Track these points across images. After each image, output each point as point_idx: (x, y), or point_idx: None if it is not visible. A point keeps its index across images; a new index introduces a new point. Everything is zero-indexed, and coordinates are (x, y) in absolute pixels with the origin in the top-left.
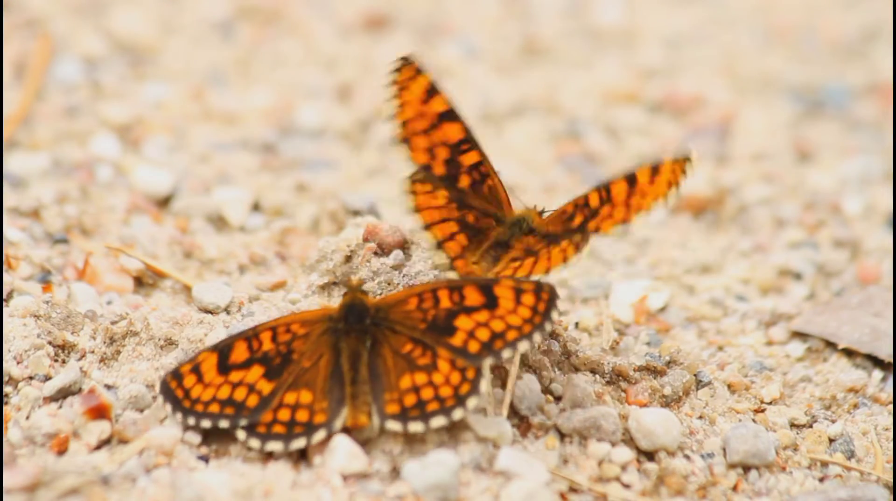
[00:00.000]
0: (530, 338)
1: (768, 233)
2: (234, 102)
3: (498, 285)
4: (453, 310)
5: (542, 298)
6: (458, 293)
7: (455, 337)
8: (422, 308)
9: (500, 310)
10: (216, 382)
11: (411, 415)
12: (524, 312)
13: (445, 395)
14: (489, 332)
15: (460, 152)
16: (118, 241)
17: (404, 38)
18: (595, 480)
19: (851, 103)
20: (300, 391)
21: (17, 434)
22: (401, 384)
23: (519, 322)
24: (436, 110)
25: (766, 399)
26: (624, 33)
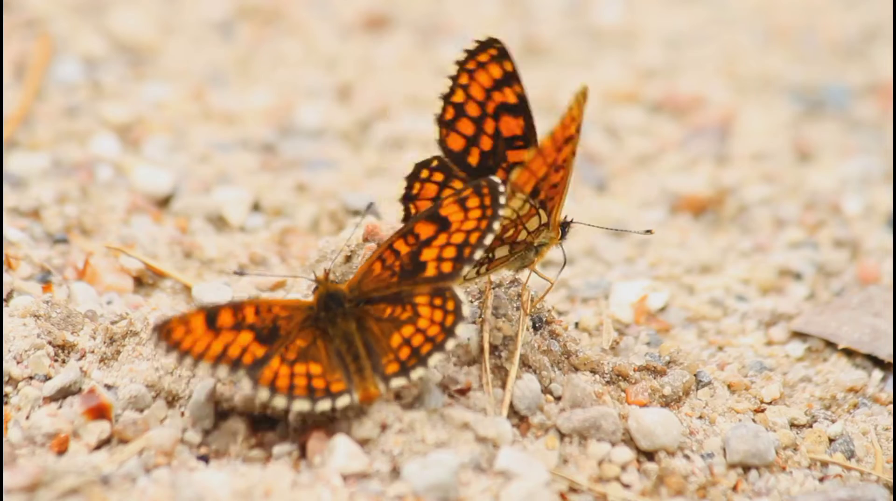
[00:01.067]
0: (491, 229)
1: (768, 233)
2: (234, 102)
3: (442, 208)
4: (415, 250)
5: (484, 193)
6: (412, 235)
7: (427, 270)
8: (387, 266)
9: (453, 226)
10: (207, 338)
11: (410, 365)
12: (475, 214)
13: (434, 333)
14: (454, 248)
15: (510, 147)
16: (118, 241)
17: (404, 38)
18: (595, 480)
19: (851, 103)
20: (308, 364)
21: (17, 434)
22: (392, 343)
23: (475, 224)
24: (501, 100)
25: (766, 399)
26: (624, 33)
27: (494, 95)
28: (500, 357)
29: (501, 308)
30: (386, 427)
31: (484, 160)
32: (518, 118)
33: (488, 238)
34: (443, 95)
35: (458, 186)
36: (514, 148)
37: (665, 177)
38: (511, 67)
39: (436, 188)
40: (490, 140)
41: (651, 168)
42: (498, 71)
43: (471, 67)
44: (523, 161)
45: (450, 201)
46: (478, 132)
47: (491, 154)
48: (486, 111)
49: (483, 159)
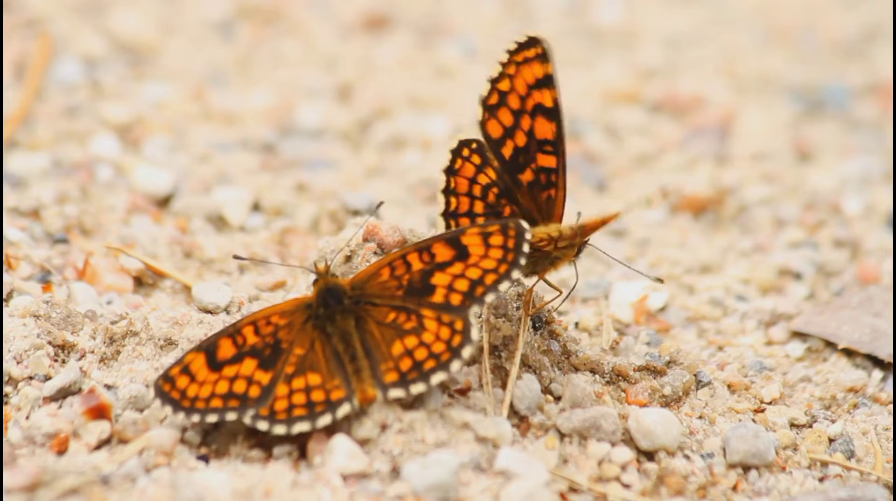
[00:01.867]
0: (509, 276)
1: (768, 233)
2: (234, 102)
3: (464, 235)
4: (427, 270)
5: (510, 235)
6: (428, 253)
7: (435, 295)
8: (395, 276)
9: (472, 258)
10: (211, 379)
11: (410, 378)
12: (496, 253)
13: (439, 351)
14: (467, 282)
15: (540, 150)
16: (118, 241)
17: (404, 38)
18: (595, 480)
19: (851, 103)
20: (307, 375)
21: (17, 434)
22: (393, 351)
23: (494, 265)
24: (539, 101)
25: (766, 399)
26: (624, 33)
27: (534, 94)
28: (500, 357)
29: (501, 308)
30: (386, 427)
31: (516, 156)
32: (551, 123)
33: (504, 285)
34: (491, 78)
35: (491, 174)
36: (543, 152)
37: (665, 177)
38: (551, 70)
39: (473, 170)
40: (524, 137)
41: (651, 168)
42: (540, 70)
43: (519, 59)
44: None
45: (474, 232)
46: (515, 126)
47: (523, 152)
48: (525, 107)
49: (515, 155)
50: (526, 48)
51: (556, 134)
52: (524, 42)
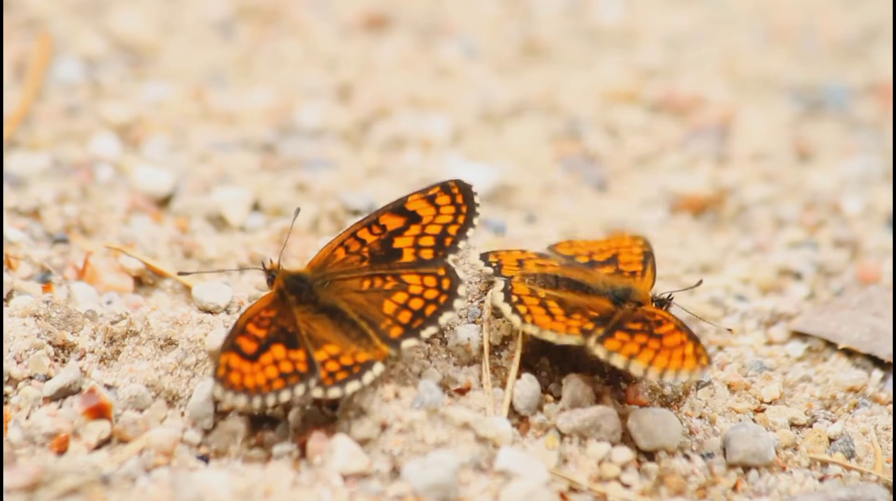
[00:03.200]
0: (471, 224)
1: (768, 233)
2: (234, 102)
3: (407, 202)
4: (384, 239)
5: (454, 192)
6: (377, 225)
7: (404, 256)
8: (353, 252)
9: (425, 219)
10: (257, 368)
11: (416, 326)
12: (448, 209)
13: (434, 296)
14: (432, 237)
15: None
16: (118, 241)
17: (404, 38)
18: (595, 480)
19: (851, 103)
20: (325, 347)
21: (17, 434)
22: (386, 310)
23: (451, 218)
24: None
25: (766, 399)
26: (624, 33)
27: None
28: (500, 357)
29: None
30: (386, 427)
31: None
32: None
33: (470, 231)
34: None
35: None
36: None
37: (665, 177)
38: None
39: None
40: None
41: (651, 168)
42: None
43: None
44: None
45: (416, 198)
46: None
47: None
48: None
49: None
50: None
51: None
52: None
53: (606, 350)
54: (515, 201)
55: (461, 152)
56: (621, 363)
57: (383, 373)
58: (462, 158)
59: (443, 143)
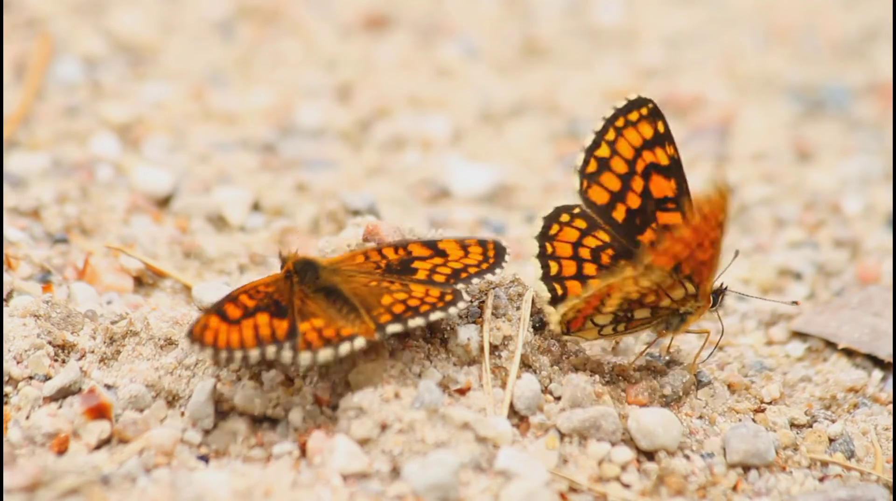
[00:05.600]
0: (491, 271)
1: (768, 233)
2: (234, 102)
3: (441, 242)
4: (405, 259)
5: (488, 247)
6: (404, 250)
7: (418, 274)
8: (372, 261)
9: (451, 257)
10: (235, 329)
11: (406, 316)
12: (476, 256)
13: (432, 300)
14: (450, 269)
15: (661, 208)
16: (118, 241)
17: (404, 38)
18: (595, 480)
19: (851, 103)
20: (311, 320)
21: (17, 434)
22: (383, 302)
23: (475, 261)
24: (653, 160)
25: (766, 399)
26: (624, 33)
27: (645, 155)
28: (500, 357)
29: (501, 308)
30: (386, 427)
31: (631, 218)
32: (670, 180)
33: (487, 276)
34: (585, 147)
35: (604, 237)
36: (664, 209)
37: None
38: (664, 128)
39: (577, 234)
40: (638, 198)
41: None
42: (649, 131)
43: (619, 124)
44: (665, 244)
45: (450, 241)
46: (624, 189)
47: (639, 213)
48: (635, 169)
49: (630, 217)
50: (627, 112)
51: (678, 190)
52: (623, 107)
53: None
54: (515, 201)
55: (461, 152)
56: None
57: (362, 348)
58: (462, 158)
59: (443, 143)
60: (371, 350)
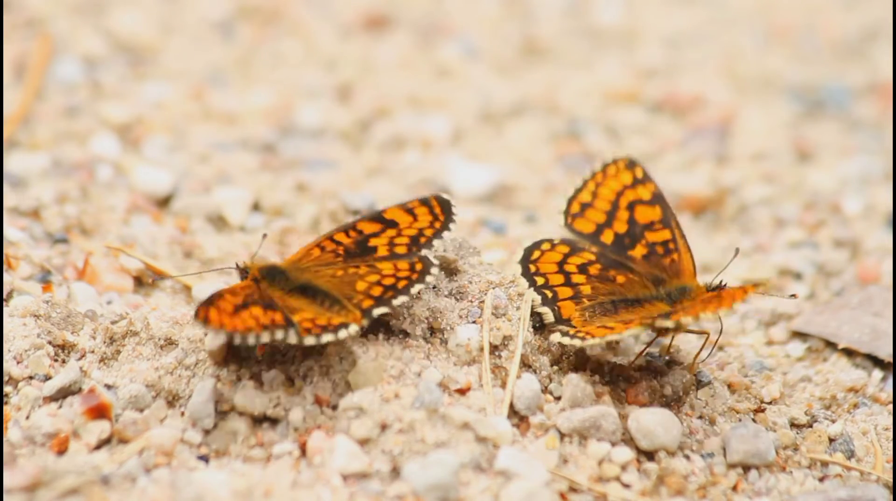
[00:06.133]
0: (447, 228)
1: (768, 233)
2: (234, 102)
3: (386, 212)
4: (360, 240)
5: (433, 205)
6: (354, 230)
7: (379, 252)
8: (329, 251)
9: (402, 226)
10: (236, 318)
11: (387, 297)
12: (425, 218)
13: (405, 274)
14: (407, 238)
15: (650, 229)
16: (118, 241)
17: (404, 38)
18: (595, 480)
19: (851, 103)
20: (300, 312)
21: (17, 434)
22: (358, 288)
23: (427, 224)
24: (636, 197)
25: (766, 399)
26: (624, 33)
27: (627, 193)
28: (500, 357)
29: (501, 308)
30: (386, 427)
31: (619, 239)
32: (654, 208)
33: (445, 233)
34: (568, 197)
35: (589, 256)
36: (652, 230)
37: (665, 177)
38: (642, 174)
39: (560, 256)
40: (625, 225)
41: (651, 168)
42: (629, 177)
43: (599, 179)
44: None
45: (394, 209)
46: (610, 220)
47: (627, 235)
48: (619, 205)
49: (618, 239)
50: (604, 168)
51: (663, 214)
52: (602, 166)
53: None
54: (515, 201)
55: (461, 152)
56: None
57: (357, 333)
58: (462, 158)
59: (443, 143)
60: (371, 350)
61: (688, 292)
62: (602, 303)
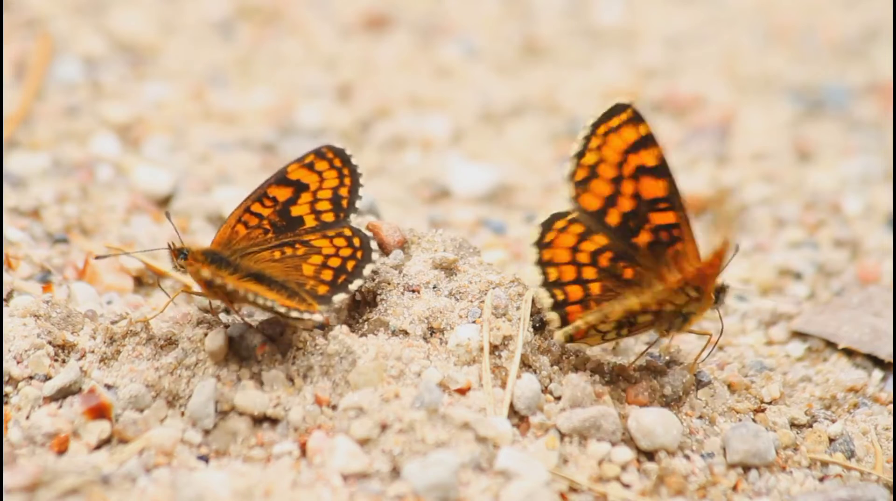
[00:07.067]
0: (358, 183)
1: (768, 233)
2: (234, 102)
3: (288, 173)
4: (279, 209)
5: (330, 157)
6: (267, 198)
7: (307, 222)
8: (253, 226)
9: (312, 186)
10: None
11: (341, 282)
12: (331, 174)
13: (349, 254)
14: (327, 201)
15: (654, 209)
16: (118, 241)
17: (404, 38)
18: (595, 480)
19: (851, 103)
20: (275, 295)
21: (17, 434)
22: (305, 272)
23: (337, 182)
24: (640, 163)
25: (766, 399)
26: (624, 33)
27: (631, 158)
28: (500, 357)
29: (501, 308)
30: (386, 427)
31: (625, 222)
32: (659, 181)
33: (360, 189)
34: (572, 156)
35: (601, 240)
36: (657, 210)
37: None
38: (646, 131)
39: (574, 239)
40: (630, 201)
41: None
42: (633, 134)
43: (602, 131)
44: (677, 278)
45: (294, 167)
46: (615, 193)
47: (632, 216)
48: (623, 173)
49: (624, 221)
50: (608, 118)
51: (668, 190)
52: (604, 114)
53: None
54: (515, 201)
55: (461, 152)
56: None
57: (321, 322)
58: (462, 157)
59: (443, 143)
60: (371, 350)
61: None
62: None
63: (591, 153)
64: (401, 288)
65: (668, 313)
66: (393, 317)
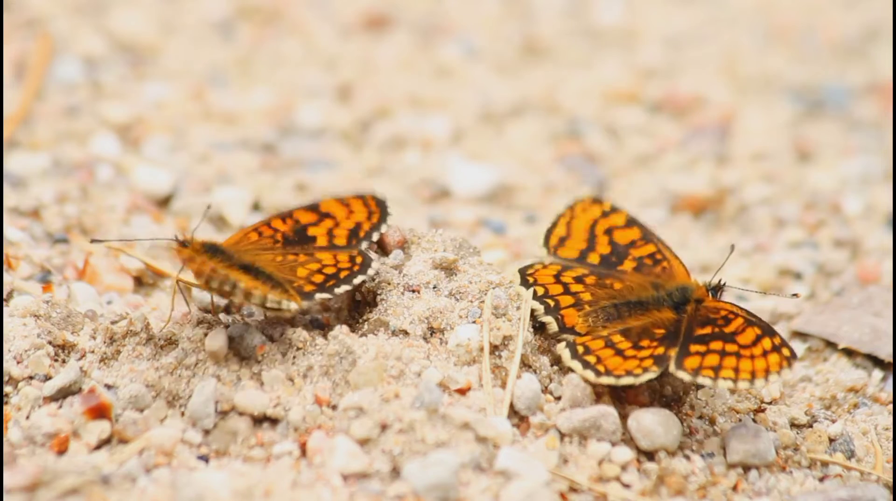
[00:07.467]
0: (384, 222)
1: (768, 233)
2: (234, 102)
3: (322, 204)
4: (298, 228)
5: (369, 201)
6: (291, 219)
7: (318, 241)
8: (266, 236)
9: (339, 218)
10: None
11: (329, 285)
12: (361, 212)
13: (346, 265)
14: (346, 230)
15: (633, 247)
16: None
17: (404, 38)
18: (595, 480)
19: (851, 103)
20: (257, 284)
21: (17, 434)
22: (298, 274)
23: (364, 218)
24: (611, 225)
25: (766, 399)
26: (624, 33)
27: (601, 222)
28: (500, 357)
29: (501, 308)
30: (386, 427)
31: (606, 259)
32: (632, 229)
33: (383, 228)
34: (545, 232)
35: (583, 269)
36: (635, 247)
37: (665, 177)
38: (609, 207)
39: (556, 270)
40: (608, 247)
41: (651, 168)
42: (598, 211)
43: (567, 218)
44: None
45: (331, 201)
46: (591, 247)
47: (612, 255)
48: (596, 233)
49: (605, 259)
50: (573, 207)
51: (643, 233)
52: (568, 207)
53: (689, 371)
54: (515, 201)
55: (461, 152)
56: (709, 381)
57: (297, 311)
58: (462, 158)
59: (443, 143)
60: (371, 350)
61: (688, 291)
62: (604, 307)
63: (561, 227)
64: (401, 288)
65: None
66: (393, 317)
